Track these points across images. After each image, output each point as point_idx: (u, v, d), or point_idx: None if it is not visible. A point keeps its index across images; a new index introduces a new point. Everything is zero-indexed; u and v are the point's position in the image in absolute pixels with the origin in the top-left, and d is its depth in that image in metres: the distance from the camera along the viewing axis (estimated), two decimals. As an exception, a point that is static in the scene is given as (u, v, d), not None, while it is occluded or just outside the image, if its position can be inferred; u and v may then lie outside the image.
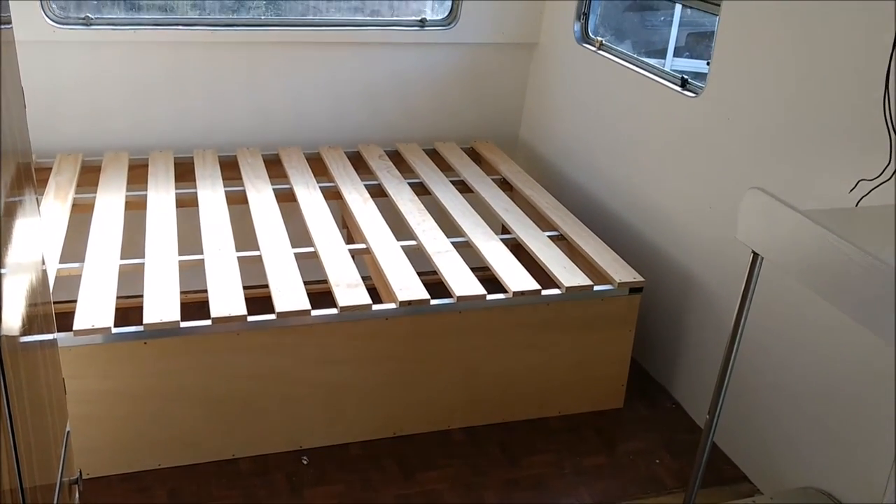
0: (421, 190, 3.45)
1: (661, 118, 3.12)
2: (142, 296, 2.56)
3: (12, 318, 1.30)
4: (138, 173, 3.38)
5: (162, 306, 2.51)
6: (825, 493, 2.42)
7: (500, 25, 3.82)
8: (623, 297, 2.88)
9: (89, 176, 3.32)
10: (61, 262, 2.73)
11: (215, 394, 2.60)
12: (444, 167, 3.68)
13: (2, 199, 1.28)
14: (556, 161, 3.84)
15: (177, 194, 3.19)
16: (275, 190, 3.29)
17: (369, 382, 2.75)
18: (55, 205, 3.03)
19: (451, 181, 3.50)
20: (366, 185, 3.40)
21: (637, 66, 3.28)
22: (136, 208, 3.14)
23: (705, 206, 2.89)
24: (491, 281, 2.85)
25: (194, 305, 2.88)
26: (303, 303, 2.58)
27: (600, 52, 3.49)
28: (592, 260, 2.98)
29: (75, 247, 2.86)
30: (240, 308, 2.53)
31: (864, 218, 1.87)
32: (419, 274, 2.80)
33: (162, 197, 3.15)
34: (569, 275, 2.86)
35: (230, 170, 3.47)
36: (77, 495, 1.84)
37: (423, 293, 2.69)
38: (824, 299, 1.65)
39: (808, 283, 1.67)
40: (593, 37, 3.59)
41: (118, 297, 2.56)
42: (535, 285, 2.78)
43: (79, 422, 2.40)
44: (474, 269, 2.86)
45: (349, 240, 3.22)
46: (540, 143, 3.96)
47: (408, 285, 2.72)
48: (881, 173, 2.11)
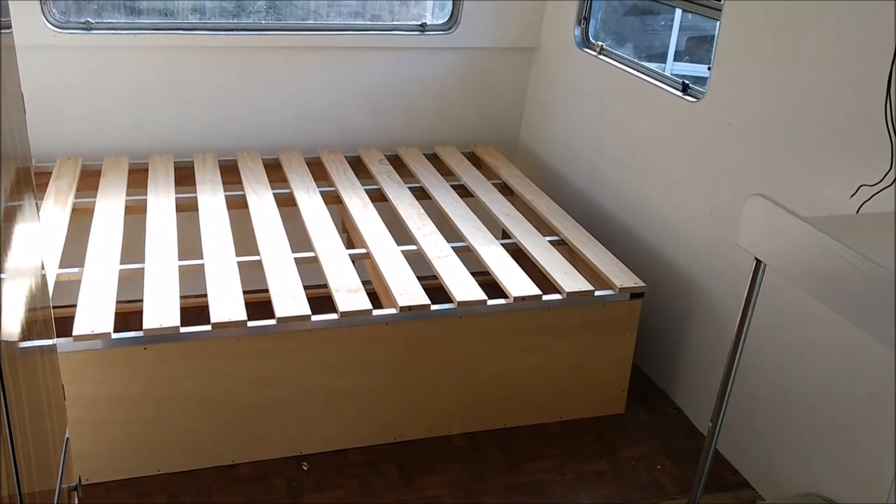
0: (421, 194, 3.45)
1: (662, 123, 3.11)
2: (142, 301, 2.56)
3: (11, 323, 1.29)
4: (138, 178, 3.38)
5: (162, 311, 2.51)
6: (827, 499, 2.41)
7: (500, 30, 3.82)
8: (624, 303, 2.87)
9: (89, 180, 3.32)
10: (61, 266, 2.73)
11: (215, 399, 2.59)
12: (445, 171, 3.67)
13: (1, 203, 1.28)
14: (556, 165, 3.83)
15: (177, 199, 3.19)
16: (275, 194, 3.28)
17: (369, 388, 2.74)
18: (55, 209, 3.02)
19: (451, 185, 3.49)
20: (366, 190, 3.40)
21: (638, 70, 3.28)
22: (135, 213, 3.14)
23: (706, 211, 2.89)
24: (491, 286, 2.84)
25: (194, 310, 2.87)
26: (303, 308, 2.58)
27: (601, 56, 3.49)
28: (593, 265, 2.97)
29: (75, 251, 2.85)
30: (240, 313, 2.53)
31: (867, 224, 1.86)
32: (419, 279, 2.79)
33: (162, 201, 3.15)
34: (570, 280, 2.85)
35: (230, 174, 3.46)
36: (76, 502, 1.84)
37: (423, 298, 2.68)
38: (826, 306, 1.65)
39: (811, 289, 1.67)
40: (594, 41, 3.59)
41: (118, 302, 2.56)
42: (535, 290, 2.77)
43: (78, 427, 2.40)
44: (475, 274, 2.85)
45: (349, 244, 3.22)
46: (540, 147, 3.96)
47: (408, 290, 2.72)
48: (882, 179, 2.11)
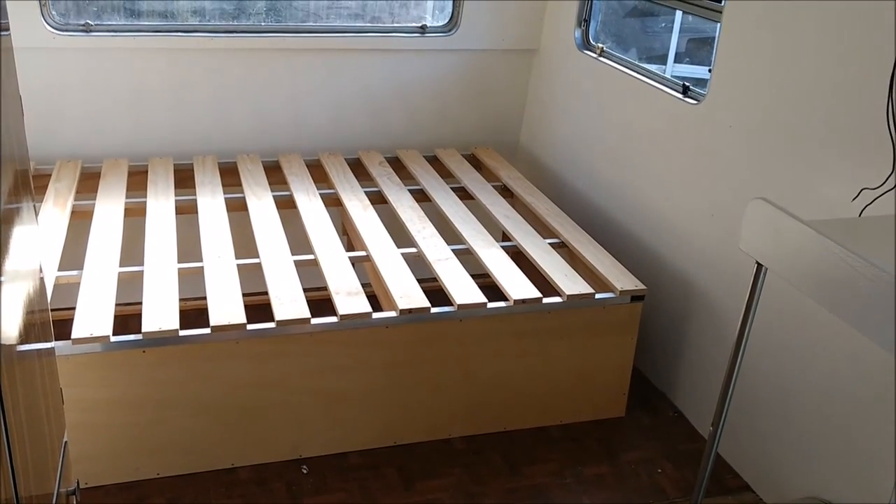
0: (421, 197, 3.44)
1: (663, 125, 3.11)
2: (141, 303, 2.55)
3: (9, 326, 1.29)
4: (138, 180, 3.37)
5: (161, 314, 2.50)
6: (828, 503, 2.40)
7: (500, 32, 3.82)
8: (624, 305, 2.87)
9: (88, 182, 3.31)
10: (60, 269, 2.72)
11: (214, 402, 2.58)
12: (445, 174, 3.67)
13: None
14: (556, 168, 3.83)
15: (176, 201, 3.18)
16: (275, 197, 3.28)
17: (369, 391, 2.74)
18: (54, 211, 3.02)
19: (451, 188, 3.49)
20: (366, 192, 3.39)
21: (638, 72, 3.27)
22: (135, 215, 3.13)
23: (707, 214, 2.89)
24: (492, 288, 2.84)
25: (193, 313, 2.87)
26: (302, 311, 2.57)
27: (601, 58, 3.49)
28: (593, 267, 2.96)
29: (74, 254, 2.84)
30: (239, 316, 2.52)
31: (868, 228, 1.86)
32: (419, 281, 2.79)
33: (161, 204, 3.14)
34: (570, 282, 2.85)
35: (230, 176, 3.46)
36: (74, 505, 1.83)
37: (423, 301, 2.68)
38: (828, 310, 1.65)
39: (812, 293, 1.66)
40: (594, 43, 3.59)
41: (117, 305, 2.55)
42: (536, 293, 2.76)
43: (77, 431, 2.39)
44: (475, 277, 2.85)
45: (349, 247, 3.21)
46: (541, 149, 3.95)
47: (408, 293, 2.71)
48: (884, 182, 2.10)
